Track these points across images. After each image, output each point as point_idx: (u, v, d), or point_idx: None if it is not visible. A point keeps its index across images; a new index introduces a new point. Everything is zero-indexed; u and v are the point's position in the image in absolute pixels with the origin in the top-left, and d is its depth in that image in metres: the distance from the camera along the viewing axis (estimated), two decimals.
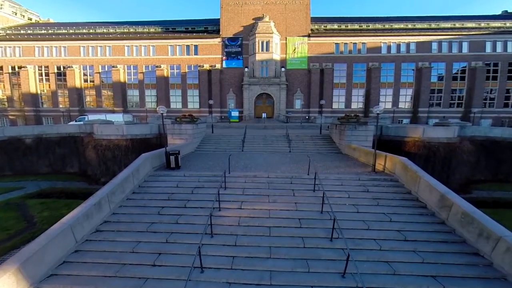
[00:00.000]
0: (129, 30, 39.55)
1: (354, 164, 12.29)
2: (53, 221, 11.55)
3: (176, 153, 10.86)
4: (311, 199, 8.93)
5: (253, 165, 11.93)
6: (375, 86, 35.18)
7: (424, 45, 34.24)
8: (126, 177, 8.90)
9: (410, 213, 8.26)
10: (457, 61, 34.10)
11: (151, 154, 10.57)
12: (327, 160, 13.22)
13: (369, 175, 10.41)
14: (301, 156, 14.41)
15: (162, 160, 11.19)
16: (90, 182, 16.64)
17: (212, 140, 17.48)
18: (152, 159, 10.62)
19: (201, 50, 37.10)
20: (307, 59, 36.27)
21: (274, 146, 16.37)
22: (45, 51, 37.13)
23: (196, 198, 8.96)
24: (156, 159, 10.89)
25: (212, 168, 11.46)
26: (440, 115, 35.00)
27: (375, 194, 9.25)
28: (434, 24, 36.63)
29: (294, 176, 10.20)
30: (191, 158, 13.38)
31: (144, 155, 10.24)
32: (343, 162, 12.84)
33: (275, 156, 14.22)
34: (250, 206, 8.53)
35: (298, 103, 37.26)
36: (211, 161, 12.79)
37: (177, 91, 38.22)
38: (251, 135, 18.18)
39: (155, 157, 10.77)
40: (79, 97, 37.61)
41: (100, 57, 37.29)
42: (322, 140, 17.29)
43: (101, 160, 15.71)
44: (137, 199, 9.09)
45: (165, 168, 11.06)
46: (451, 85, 34.57)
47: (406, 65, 35.00)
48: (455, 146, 13.76)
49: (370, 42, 35.30)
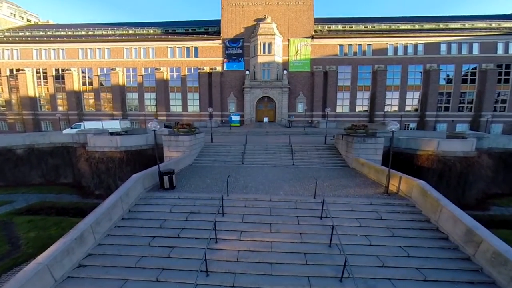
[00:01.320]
0: (128, 32, 38.76)
1: (364, 183, 11.32)
2: (39, 244, 10.87)
3: (171, 173, 10.00)
4: (318, 228, 8.03)
5: (253, 184, 11.02)
6: (381, 89, 34.02)
7: (432, 47, 32.95)
8: (113, 203, 8.05)
9: (430, 246, 7.33)
10: (467, 63, 32.75)
11: (143, 174, 9.71)
12: (334, 177, 12.27)
13: (382, 198, 9.46)
14: (306, 170, 13.48)
15: (155, 179, 10.33)
16: (84, 194, 15.89)
17: (211, 150, 16.60)
18: (144, 179, 9.75)
19: (201, 52, 36.21)
20: (310, 61, 35.20)
21: (277, 158, 15.44)
22: (43, 54, 36.50)
23: (191, 226, 8.12)
24: (148, 178, 10.03)
25: (209, 187, 10.57)
26: (448, 119, 33.78)
27: (389, 222, 8.31)
28: (442, 25, 35.29)
29: (299, 200, 9.28)
30: (188, 174, 12.52)
31: (135, 176, 9.38)
32: (351, 179, 11.87)
33: (278, 171, 13.30)
34: (250, 237, 7.66)
35: (300, 106, 36.22)
36: (209, 178, 11.90)
37: (177, 94, 37.41)
38: (251, 145, 17.27)
39: (147, 176, 9.91)
40: (78, 100, 36.97)
41: (99, 60, 36.58)
42: (327, 151, 16.31)
43: (94, 173, 14.94)
44: (126, 227, 8.25)
45: (159, 188, 10.19)
46: (460, 88, 33.26)
47: (413, 67, 33.75)
48: (473, 161, 12.72)
49: (375, 43, 34.10)
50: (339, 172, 13.25)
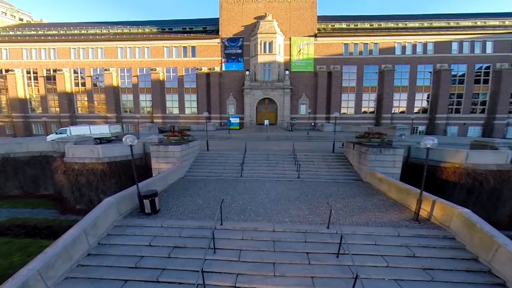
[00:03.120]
0: (123, 31, 37.14)
1: (384, 204, 9.55)
2: None
3: (153, 195, 8.26)
4: (334, 270, 6.30)
5: (253, 206, 9.27)
6: (388, 90, 32.24)
7: (443, 45, 31.15)
8: (73, 239, 6.31)
9: None
10: (479, 63, 30.94)
11: (118, 198, 7.98)
12: (347, 195, 10.50)
13: (411, 227, 7.69)
14: (314, 186, 11.72)
15: (134, 201, 8.59)
16: (63, 209, 14.17)
17: (206, 160, 14.85)
18: (120, 204, 8.02)
19: (199, 51, 34.53)
20: (313, 61, 33.47)
21: (279, 170, 13.69)
22: (34, 53, 34.90)
23: (174, 266, 6.40)
24: (125, 202, 8.30)
25: (200, 211, 8.83)
26: (459, 122, 31.96)
27: (425, 262, 6.57)
28: (453, 23, 33.47)
29: (309, 230, 7.53)
30: (177, 191, 10.78)
31: (107, 201, 7.65)
32: (368, 199, 10.10)
33: (281, 187, 11.54)
34: (248, 284, 5.95)
35: (303, 108, 34.50)
36: (201, 197, 10.15)
37: (174, 95, 35.75)
38: (251, 154, 15.52)
39: (123, 200, 8.18)
40: (70, 102, 35.32)
41: (92, 60, 34.94)
42: (336, 161, 14.54)
43: (74, 186, 13.22)
44: (91, 267, 6.51)
45: (139, 212, 8.45)
46: (472, 89, 31.44)
47: (423, 67, 31.96)
48: (508, 175, 10.95)
49: (382, 42, 32.33)
50: (352, 188, 11.48)
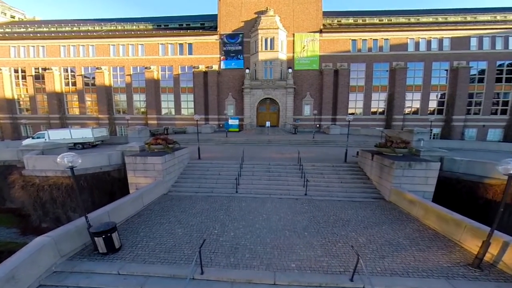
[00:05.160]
0: (116, 28, 35.14)
1: (421, 236, 7.22)
2: None
3: (108, 231, 6.02)
4: None
5: (248, 241, 6.99)
6: (400, 90, 29.75)
7: (461, 41, 28.60)
8: None
9: None
10: (502, 59, 28.29)
11: (60, 234, 5.76)
12: (370, 222, 8.18)
13: (473, 278, 5.36)
14: (325, 207, 9.40)
15: (87, 235, 6.36)
16: (25, 228, 12.08)
17: (196, 171, 12.61)
18: (61, 242, 5.79)
19: (196, 49, 32.38)
20: (318, 59, 31.12)
21: (283, 184, 11.39)
22: (22, 51, 33.03)
23: None
24: (72, 238, 6.07)
25: (177, 247, 6.59)
26: (478, 124, 29.36)
27: None
28: (470, 17, 30.91)
29: (325, 284, 5.25)
30: (153, 216, 8.53)
31: (38, 242, 5.43)
32: (399, 228, 7.77)
33: (285, 209, 9.25)
34: None
35: (307, 109, 32.15)
36: (181, 225, 7.90)
37: (169, 95, 33.63)
38: (250, 164, 13.24)
39: (67, 236, 5.95)
40: (60, 102, 33.38)
41: (83, 58, 32.97)
42: (350, 173, 12.20)
43: (36, 202, 11.07)
44: None
45: (93, 251, 6.24)
46: (494, 88, 28.80)
47: (438, 64, 29.43)
48: None
49: (394, 37, 29.86)
50: (373, 210, 9.15)
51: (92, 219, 6.63)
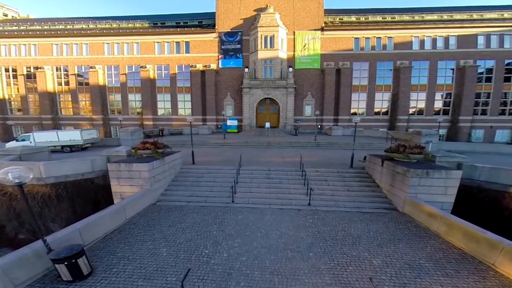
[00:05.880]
0: (111, 26, 34.08)
1: (446, 257, 6.17)
2: None
3: (72, 256, 4.97)
4: None
5: (244, 263, 5.94)
6: (404, 89, 28.74)
7: (468, 39, 27.60)
8: None
9: None
10: (510, 58, 27.28)
11: (11, 259, 4.72)
12: (385, 240, 7.12)
13: None
14: (332, 220, 8.33)
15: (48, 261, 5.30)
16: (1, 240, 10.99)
17: (189, 178, 11.54)
18: (14, 269, 4.75)
19: (194, 47, 31.33)
20: (319, 57, 30.10)
21: (284, 193, 10.33)
22: (13, 50, 31.94)
23: None
24: (29, 264, 5.02)
25: (159, 272, 5.54)
26: (486, 125, 28.36)
27: None
28: (476, 15, 29.92)
29: None
30: (135, 232, 7.47)
31: None
32: (418, 246, 6.72)
33: (286, 222, 8.19)
34: None
35: (308, 109, 31.12)
36: (167, 243, 6.83)
37: (166, 95, 32.56)
38: (248, 169, 12.19)
39: (23, 262, 4.90)
40: (52, 102, 32.27)
41: (76, 57, 31.88)
42: (357, 179, 11.15)
43: (9, 212, 10.00)
44: None
45: (57, 277, 5.19)
46: (502, 88, 27.79)
47: (444, 63, 28.43)
48: None
49: (398, 36, 28.86)
50: (386, 224, 8.10)
51: (57, 240, 5.60)
